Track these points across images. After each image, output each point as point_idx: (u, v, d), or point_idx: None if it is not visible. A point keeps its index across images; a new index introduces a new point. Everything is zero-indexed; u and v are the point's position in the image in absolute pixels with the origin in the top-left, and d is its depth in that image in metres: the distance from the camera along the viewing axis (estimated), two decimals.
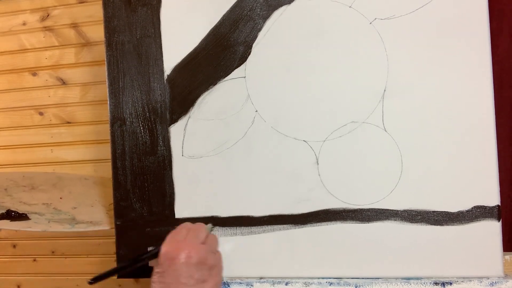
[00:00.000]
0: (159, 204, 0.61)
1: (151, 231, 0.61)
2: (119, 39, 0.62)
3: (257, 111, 0.59)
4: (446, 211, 0.55)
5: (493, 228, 0.54)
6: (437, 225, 0.55)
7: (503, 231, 0.54)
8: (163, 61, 0.61)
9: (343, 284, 0.55)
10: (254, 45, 0.59)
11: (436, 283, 0.53)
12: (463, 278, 0.54)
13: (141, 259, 0.54)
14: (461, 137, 0.55)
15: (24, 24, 1.01)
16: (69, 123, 0.99)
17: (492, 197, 0.54)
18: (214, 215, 0.60)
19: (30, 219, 0.66)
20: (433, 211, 0.55)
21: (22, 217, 0.66)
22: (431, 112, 0.55)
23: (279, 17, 0.58)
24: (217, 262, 0.52)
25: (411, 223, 0.55)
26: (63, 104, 0.99)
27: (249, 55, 0.59)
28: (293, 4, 0.58)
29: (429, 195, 0.55)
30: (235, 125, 0.59)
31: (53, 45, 0.99)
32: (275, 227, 0.58)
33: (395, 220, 0.56)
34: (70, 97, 0.99)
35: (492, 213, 0.54)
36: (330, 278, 0.56)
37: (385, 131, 0.56)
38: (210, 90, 0.60)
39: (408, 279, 0.55)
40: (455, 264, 0.54)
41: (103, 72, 0.61)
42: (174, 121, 0.61)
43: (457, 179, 0.55)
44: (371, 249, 0.56)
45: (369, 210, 0.56)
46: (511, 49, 0.76)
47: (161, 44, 0.61)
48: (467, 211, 0.54)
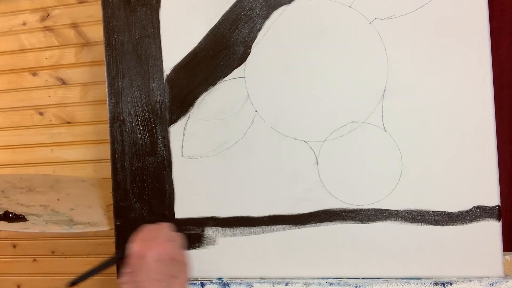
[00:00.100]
0: (159, 204, 0.61)
1: None
2: (118, 39, 0.62)
3: (256, 111, 0.59)
4: (446, 211, 0.55)
5: (493, 228, 0.54)
6: (437, 225, 0.55)
7: (503, 231, 0.54)
8: (162, 61, 0.61)
9: (343, 284, 0.55)
10: (253, 45, 0.59)
11: (436, 283, 0.53)
12: (463, 278, 0.54)
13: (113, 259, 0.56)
14: (461, 137, 0.55)
15: (24, 24, 1.01)
16: (69, 123, 0.99)
17: (492, 197, 0.54)
18: (214, 215, 0.59)
19: (27, 221, 0.66)
20: (433, 211, 0.55)
21: (19, 218, 0.66)
22: (431, 112, 0.55)
23: (279, 17, 0.58)
24: (185, 258, 0.55)
25: (411, 223, 0.55)
26: (63, 104, 0.99)
27: (248, 55, 0.59)
28: (292, 4, 0.58)
29: (429, 195, 0.55)
30: (234, 125, 0.59)
31: (53, 45, 0.99)
32: (275, 227, 0.58)
33: (395, 220, 0.56)
34: (70, 97, 0.99)
35: (492, 213, 0.54)
36: (330, 278, 0.56)
37: (385, 131, 0.56)
38: (209, 90, 0.60)
39: (408, 279, 0.54)
40: (455, 264, 0.54)
41: (103, 72, 0.61)
42: (173, 121, 0.61)
43: (457, 179, 0.55)
44: (371, 249, 0.56)
45: (369, 210, 0.56)
46: (511, 49, 0.75)
47: (160, 44, 0.61)
48: (467, 211, 0.54)
